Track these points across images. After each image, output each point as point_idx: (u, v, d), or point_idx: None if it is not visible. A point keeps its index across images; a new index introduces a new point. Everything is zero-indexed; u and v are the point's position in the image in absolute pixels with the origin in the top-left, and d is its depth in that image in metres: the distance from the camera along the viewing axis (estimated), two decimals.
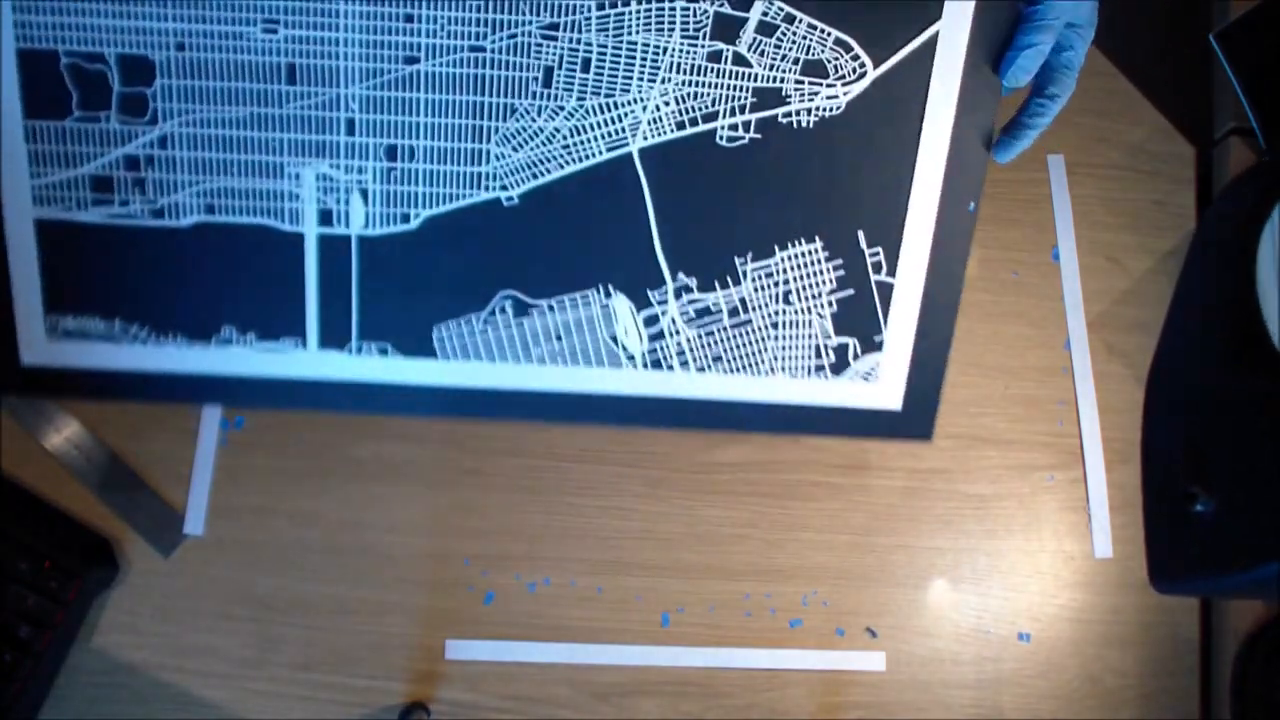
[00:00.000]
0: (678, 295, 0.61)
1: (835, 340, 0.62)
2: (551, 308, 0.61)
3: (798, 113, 0.60)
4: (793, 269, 0.61)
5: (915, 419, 0.62)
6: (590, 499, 0.69)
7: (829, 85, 0.59)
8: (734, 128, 0.60)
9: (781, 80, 0.59)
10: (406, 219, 0.60)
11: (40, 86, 0.57)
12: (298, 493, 0.68)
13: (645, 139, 0.60)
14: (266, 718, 0.65)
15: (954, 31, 0.59)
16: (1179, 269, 0.58)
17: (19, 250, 0.58)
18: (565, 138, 0.59)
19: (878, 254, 0.61)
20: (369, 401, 0.61)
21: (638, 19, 0.58)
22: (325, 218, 0.59)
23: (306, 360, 0.60)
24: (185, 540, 0.67)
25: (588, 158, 0.60)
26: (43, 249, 0.59)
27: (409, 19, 0.57)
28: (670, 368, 0.61)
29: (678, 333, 0.61)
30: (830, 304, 0.61)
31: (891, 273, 0.61)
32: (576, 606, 0.68)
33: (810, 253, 0.61)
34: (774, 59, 0.59)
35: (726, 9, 0.58)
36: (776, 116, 0.59)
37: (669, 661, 0.68)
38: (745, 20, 0.58)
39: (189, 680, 0.66)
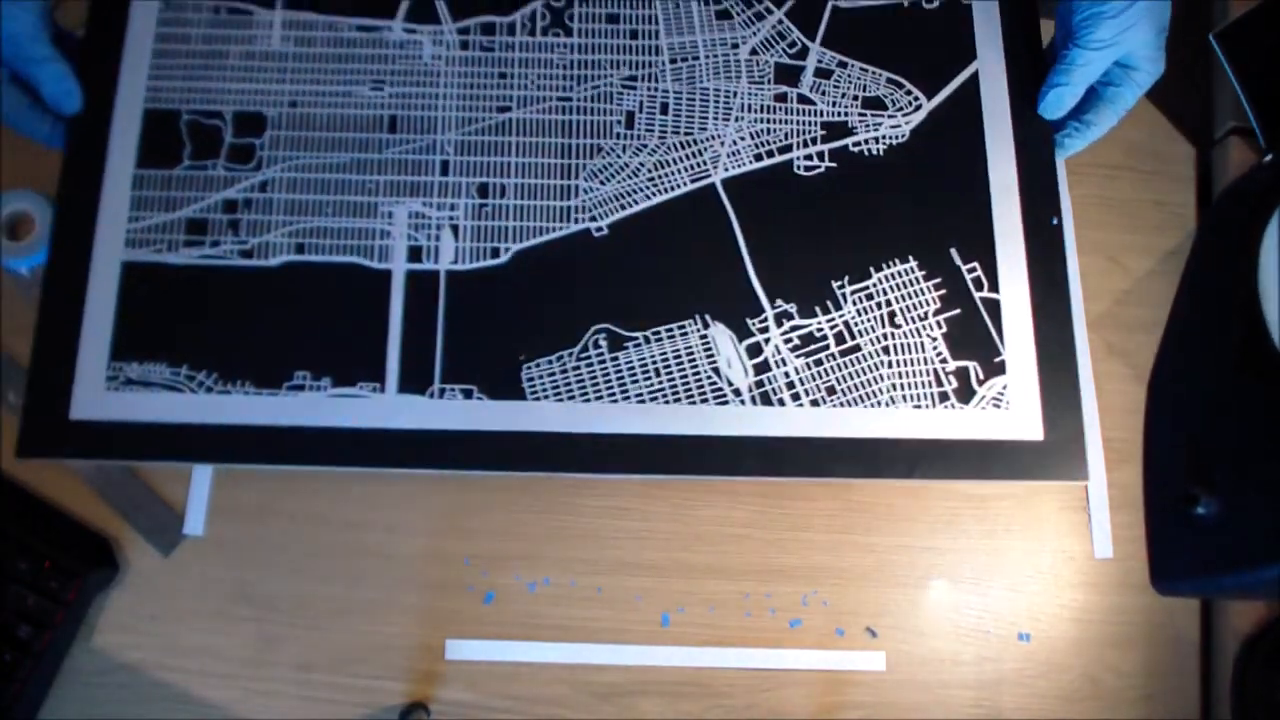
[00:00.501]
0: (778, 322, 0.60)
1: (953, 364, 0.60)
2: (648, 339, 0.60)
3: (866, 141, 0.63)
4: (892, 289, 0.61)
5: (1061, 450, 0.59)
6: (590, 499, 0.69)
7: (890, 116, 0.63)
8: (809, 158, 0.63)
9: (845, 114, 0.63)
10: (496, 253, 0.60)
11: (157, 140, 0.61)
12: (298, 493, 0.68)
13: (726, 170, 0.62)
14: (266, 718, 0.65)
15: (992, 67, 0.64)
16: (1179, 269, 0.57)
17: (98, 294, 0.59)
18: (650, 171, 0.62)
19: (975, 269, 0.61)
20: (449, 455, 0.57)
21: (707, 69, 0.64)
22: (415, 254, 0.60)
23: (383, 405, 0.58)
24: (185, 540, 0.67)
25: (673, 189, 0.62)
26: (123, 292, 0.59)
27: (502, 76, 0.63)
28: (781, 402, 0.59)
29: (784, 362, 0.60)
30: (940, 324, 0.61)
31: (994, 288, 0.61)
32: (576, 606, 0.68)
33: (907, 271, 0.61)
34: (835, 97, 0.64)
35: (784, 59, 0.64)
36: (847, 146, 0.62)
37: (669, 661, 0.67)
38: (803, 67, 0.64)
39: (189, 680, 0.65)
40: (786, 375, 0.59)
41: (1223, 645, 0.67)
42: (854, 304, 0.60)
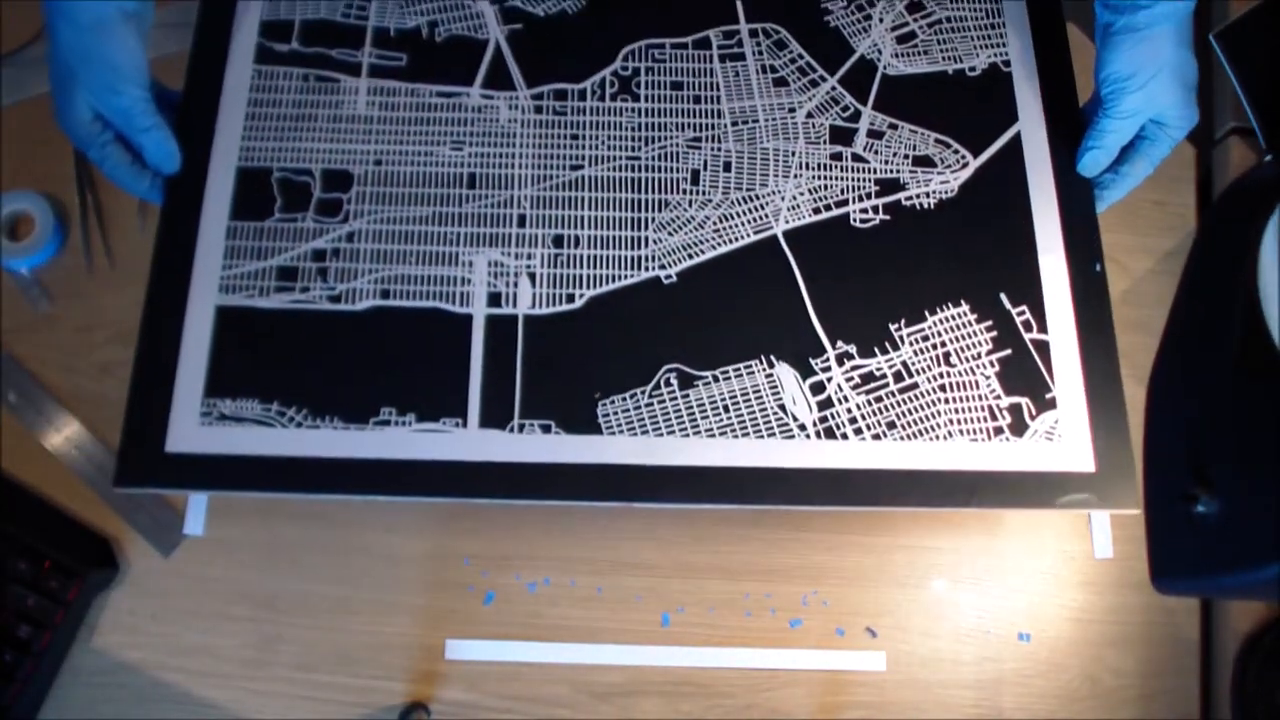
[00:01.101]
0: (840, 362, 0.63)
1: (1007, 400, 0.63)
2: (716, 378, 0.62)
3: (917, 196, 0.66)
4: (947, 330, 0.64)
5: (1112, 480, 0.61)
6: None
7: (939, 173, 0.67)
8: (864, 211, 0.66)
9: (897, 171, 0.67)
10: (571, 299, 0.63)
11: (249, 195, 0.65)
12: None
13: (787, 223, 0.66)
14: (266, 718, 0.65)
15: (1033, 128, 0.68)
16: (1179, 269, 0.57)
17: (194, 334, 0.62)
18: (715, 224, 0.65)
19: (1024, 312, 0.64)
20: (530, 485, 0.59)
21: (767, 131, 0.68)
22: (494, 300, 0.63)
23: (466, 440, 0.60)
24: (185, 540, 0.67)
25: (737, 239, 0.65)
26: (217, 333, 0.62)
27: (574, 137, 0.67)
28: (844, 436, 0.61)
29: (846, 399, 0.62)
30: (992, 364, 0.63)
31: (1043, 329, 0.64)
32: (576, 606, 0.68)
33: (960, 315, 0.64)
34: (887, 156, 0.67)
35: (839, 121, 0.68)
36: (899, 200, 0.66)
37: (669, 661, 0.67)
38: (856, 129, 0.68)
39: (189, 680, 0.66)
40: (849, 411, 0.62)
41: (1223, 645, 0.67)
42: (911, 345, 0.63)
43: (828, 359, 0.63)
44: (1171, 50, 0.60)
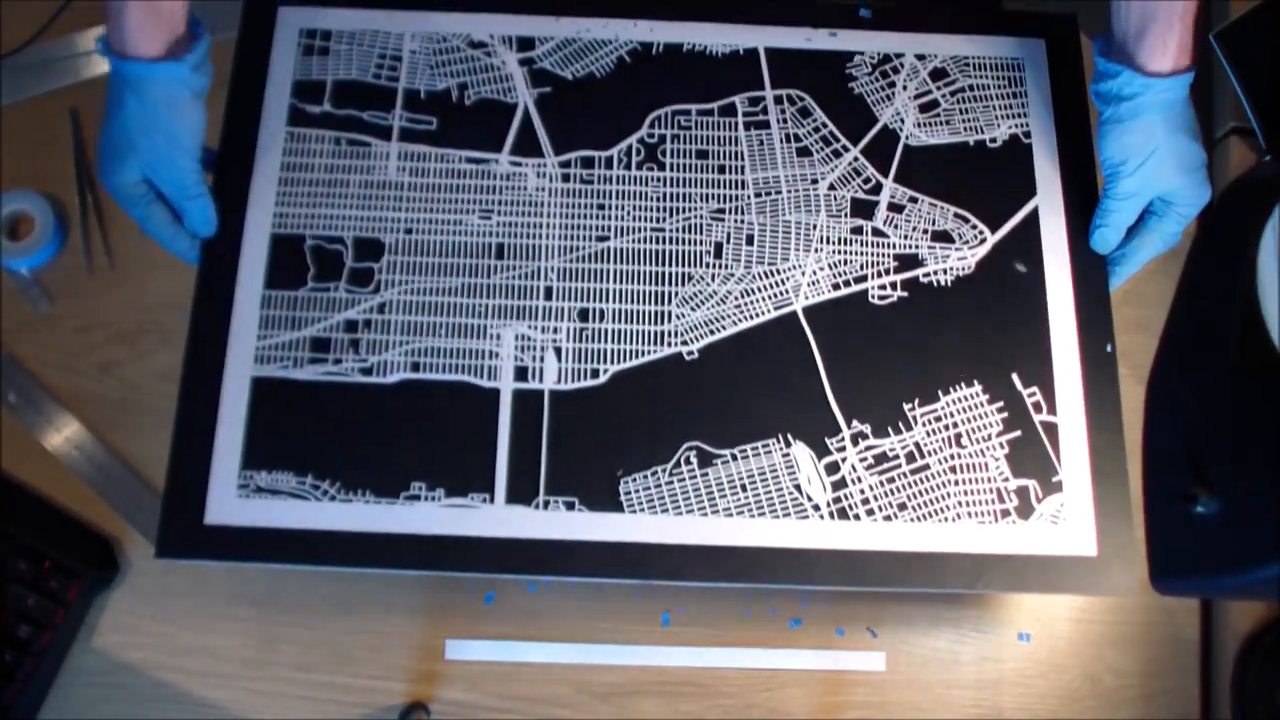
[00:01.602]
0: (854, 442, 0.64)
1: (1015, 483, 0.64)
2: (735, 457, 0.64)
3: (935, 273, 0.68)
4: (959, 411, 0.65)
5: (1112, 565, 0.63)
6: None
7: (957, 249, 0.68)
8: (883, 288, 0.67)
9: (916, 247, 0.68)
10: (596, 374, 0.65)
11: (283, 263, 0.66)
12: None
13: (807, 299, 0.67)
14: (266, 718, 0.65)
15: (1051, 202, 0.69)
16: (1179, 269, 0.57)
17: (230, 407, 0.64)
18: (737, 299, 0.67)
19: (1035, 394, 0.66)
20: (554, 562, 0.62)
21: (789, 203, 0.69)
22: (521, 374, 0.65)
23: (493, 516, 0.62)
24: None
25: (758, 315, 0.67)
26: (252, 405, 0.64)
27: (601, 207, 0.68)
28: (857, 517, 0.63)
29: (859, 480, 0.64)
30: (1002, 445, 0.65)
31: (1052, 411, 0.65)
32: (576, 606, 0.68)
33: (972, 395, 0.66)
34: (906, 230, 0.68)
35: (860, 194, 0.69)
36: (917, 277, 0.67)
37: (669, 661, 0.68)
38: (877, 202, 0.69)
39: (189, 680, 0.66)
40: (862, 492, 0.64)
41: (1223, 645, 0.67)
42: (924, 426, 0.65)
43: (843, 439, 0.65)
44: (1163, 136, 0.62)
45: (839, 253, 0.68)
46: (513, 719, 0.68)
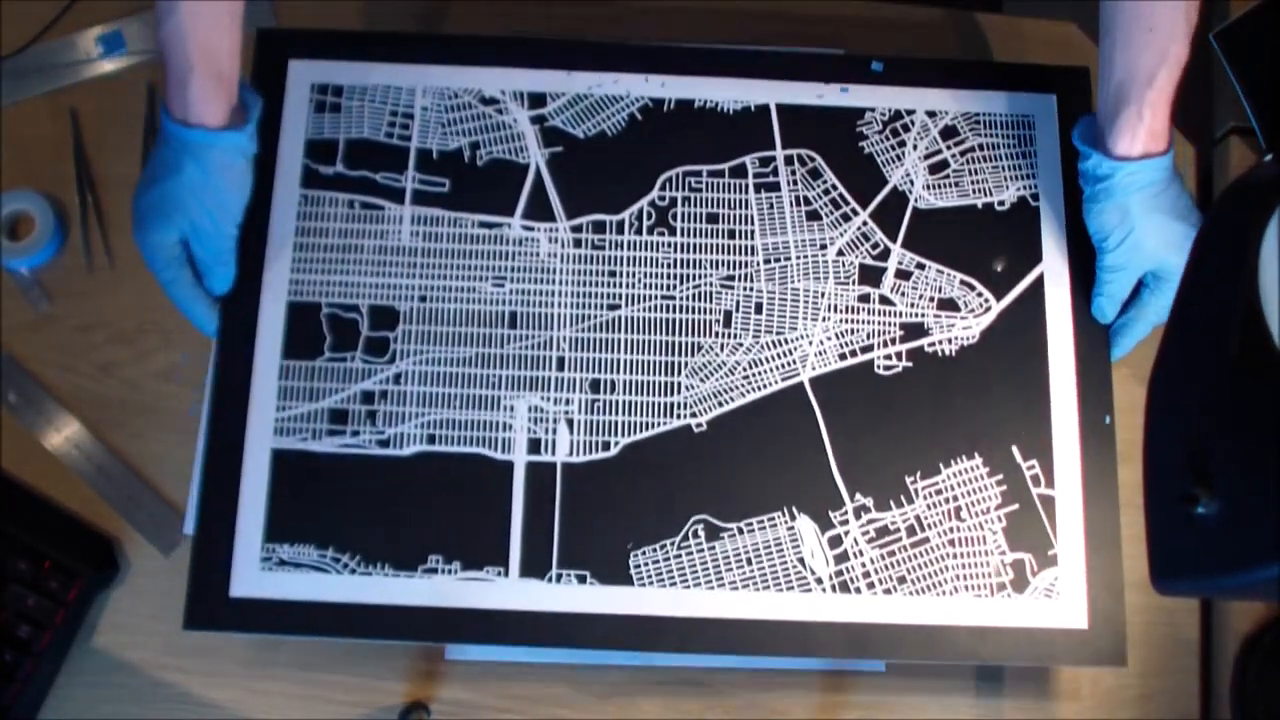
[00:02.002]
0: (857, 515, 0.66)
1: (1011, 556, 0.66)
2: (741, 530, 0.66)
3: (940, 342, 0.69)
4: (959, 484, 0.67)
5: (1103, 638, 0.65)
6: None
7: (962, 318, 0.69)
8: (888, 358, 0.69)
9: (922, 315, 0.69)
10: (607, 446, 0.67)
11: (300, 332, 0.68)
12: None
13: (813, 369, 0.68)
14: (266, 718, 0.65)
15: (1056, 271, 0.70)
16: None
17: (252, 479, 0.65)
18: (745, 370, 0.68)
19: (1034, 467, 0.67)
20: (566, 635, 0.64)
21: (798, 269, 0.70)
22: (534, 446, 0.67)
23: (508, 589, 0.64)
24: (185, 540, 0.67)
25: (765, 387, 0.68)
26: (274, 478, 0.65)
27: (612, 274, 0.69)
28: (858, 590, 0.65)
29: (861, 553, 0.66)
30: (1000, 519, 0.66)
31: (1050, 485, 0.67)
32: None
33: (973, 469, 0.67)
34: (913, 299, 0.70)
35: (868, 260, 0.70)
36: (923, 347, 0.69)
37: (669, 661, 0.67)
38: (885, 269, 0.70)
39: (189, 680, 0.66)
40: (863, 565, 0.65)
41: (1222, 645, 0.68)
42: (925, 499, 0.67)
43: (846, 512, 0.66)
44: (1139, 217, 0.63)
45: (846, 321, 0.69)
46: (513, 719, 0.68)
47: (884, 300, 0.69)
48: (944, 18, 0.80)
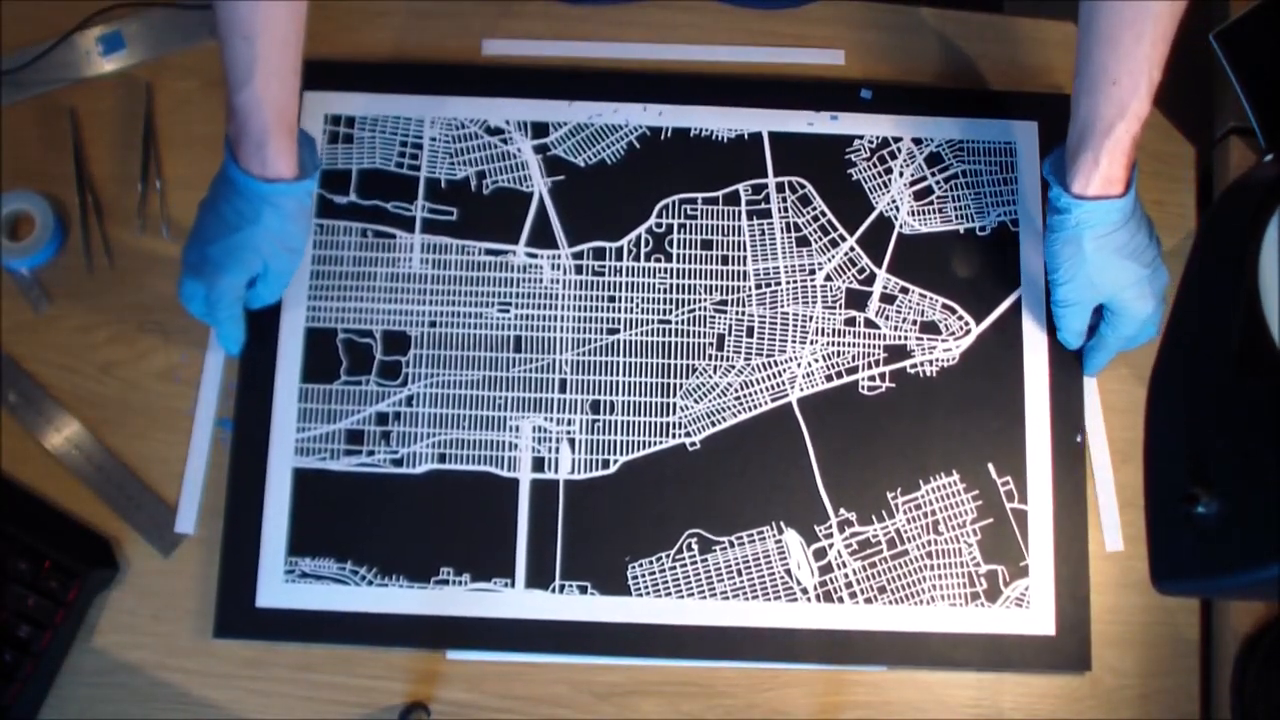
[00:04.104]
0: (841, 529, 0.72)
1: (985, 567, 0.72)
2: (732, 543, 0.71)
3: (922, 364, 0.74)
4: (938, 499, 0.72)
5: (1069, 644, 0.71)
6: None
7: (943, 340, 0.75)
8: (872, 379, 0.74)
9: (905, 338, 0.75)
10: (607, 464, 0.72)
11: (318, 356, 0.74)
12: None
13: (801, 390, 0.73)
14: (266, 718, 0.65)
15: (1034, 293, 0.75)
16: (1179, 269, 0.57)
17: (274, 497, 0.71)
18: (737, 391, 0.73)
19: (1008, 483, 0.73)
20: (568, 642, 0.70)
21: (787, 294, 0.75)
22: (538, 464, 0.73)
23: (513, 599, 0.70)
24: (185, 540, 0.68)
25: (755, 407, 0.73)
26: (295, 495, 0.72)
27: (611, 300, 0.75)
28: (840, 599, 0.71)
29: (844, 565, 0.71)
30: (975, 532, 0.72)
31: (1023, 499, 0.73)
32: None
33: (950, 484, 0.73)
34: (897, 322, 0.75)
35: (855, 284, 0.75)
36: (905, 368, 0.74)
37: (669, 661, 0.67)
38: (870, 293, 0.75)
39: (189, 680, 0.67)
40: (846, 576, 0.71)
41: (1223, 645, 0.68)
42: (905, 513, 0.72)
43: (830, 526, 0.72)
44: (1091, 254, 0.67)
45: (833, 344, 0.75)
46: (513, 719, 0.68)
47: (869, 324, 0.75)
48: (944, 18, 0.80)
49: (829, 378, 0.74)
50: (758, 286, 0.75)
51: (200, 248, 0.67)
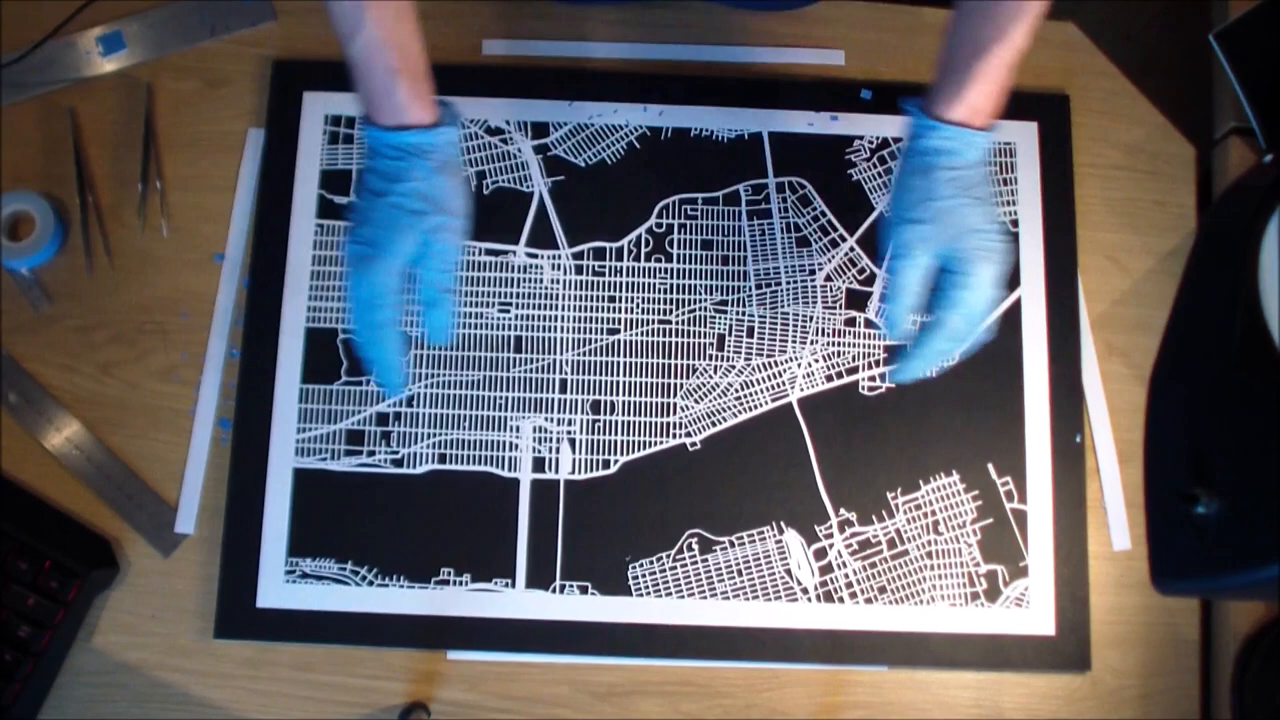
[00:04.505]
0: (841, 529, 0.72)
1: (985, 567, 0.72)
2: (732, 544, 0.71)
3: None
4: (938, 500, 0.72)
5: (1069, 644, 0.71)
6: None
7: None
8: (872, 379, 0.74)
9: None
10: (607, 465, 0.72)
11: (318, 356, 0.74)
12: None
13: (801, 390, 0.73)
14: (266, 718, 0.65)
15: (1034, 293, 0.75)
16: (1179, 269, 0.57)
17: (275, 498, 0.71)
18: (737, 391, 0.73)
19: (1008, 483, 0.73)
20: (568, 642, 0.70)
21: (788, 294, 0.75)
22: (538, 465, 0.72)
23: (514, 600, 0.70)
24: (185, 540, 0.68)
25: (756, 407, 0.73)
26: (295, 495, 0.72)
27: (611, 300, 0.74)
28: (840, 599, 0.71)
29: (845, 565, 0.71)
30: (975, 532, 0.72)
31: (1023, 500, 0.73)
32: None
33: (950, 485, 0.73)
34: None
35: (855, 284, 0.75)
36: None
37: (669, 661, 0.67)
38: (870, 293, 0.75)
39: (189, 680, 0.67)
40: (846, 576, 0.71)
41: (1223, 645, 0.68)
42: (905, 513, 0.72)
43: (830, 526, 0.72)
44: (943, 184, 0.60)
45: (833, 344, 0.75)
46: (513, 719, 0.68)
47: (869, 324, 0.75)
48: (944, 18, 0.80)
49: (829, 378, 0.74)
50: (758, 287, 0.75)
51: (354, 234, 0.61)
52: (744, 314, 0.75)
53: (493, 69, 0.79)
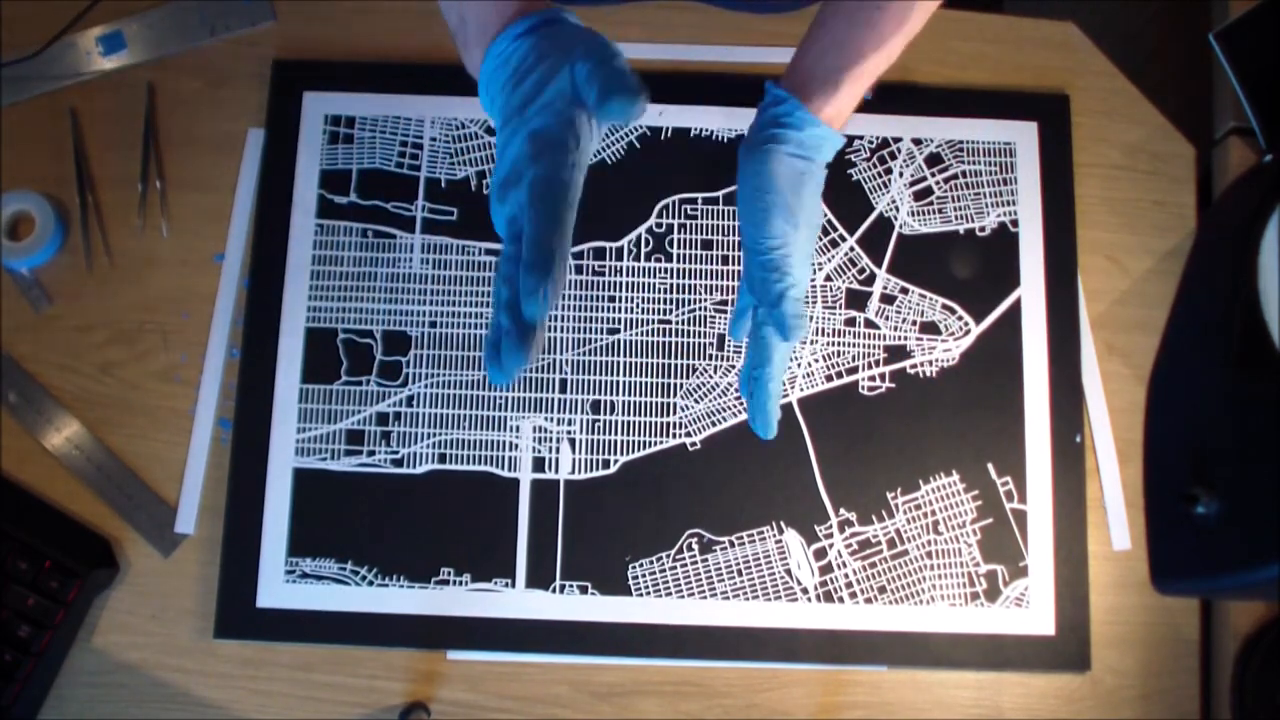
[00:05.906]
0: (841, 529, 0.72)
1: (985, 567, 0.72)
2: (732, 543, 0.72)
3: (921, 364, 0.74)
4: (937, 499, 0.73)
5: (1069, 644, 0.71)
6: None
7: (943, 340, 0.75)
8: (872, 379, 0.74)
9: (905, 338, 0.75)
10: (607, 464, 0.72)
11: (318, 356, 0.74)
12: None
13: (801, 390, 0.74)
14: (266, 718, 0.65)
15: (1033, 293, 0.75)
16: (1179, 269, 0.58)
17: (275, 498, 0.72)
18: (737, 391, 0.73)
19: (1008, 483, 0.73)
20: (569, 642, 0.70)
21: None
22: (538, 464, 0.73)
23: (514, 599, 0.71)
24: (185, 540, 0.68)
25: None
26: (295, 495, 0.72)
27: (611, 299, 0.75)
28: (840, 599, 0.71)
29: (844, 564, 0.71)
30: (975, 532, 0.72)
31: (1023, 500, 0.73)
32: None
33: (950, 484, 0.73)
34: (896, 322, 0.75)
35: (855, 284, 0.75)
36: (905, 369, 0.74)
37: (669, 661, 0.67)
38: (870, 293, 0.75)
39: (189, 680, 0.67)
40: (846, 576, 0.71)
41: (1222, 644, 0.68)
42: (905, 513, 0.72)
43: (830, 526, 0.72)
44: (808, 181, 0.56)
45: (833, 344, 0.75)
46: (513, 719, 0.68)
47: (869, 324, 0.75)
48: (944, 17, 0.80)
49: (829, 378, 0.74)
50: None
51: (494, 180, 0.51)
52: None
53: None
